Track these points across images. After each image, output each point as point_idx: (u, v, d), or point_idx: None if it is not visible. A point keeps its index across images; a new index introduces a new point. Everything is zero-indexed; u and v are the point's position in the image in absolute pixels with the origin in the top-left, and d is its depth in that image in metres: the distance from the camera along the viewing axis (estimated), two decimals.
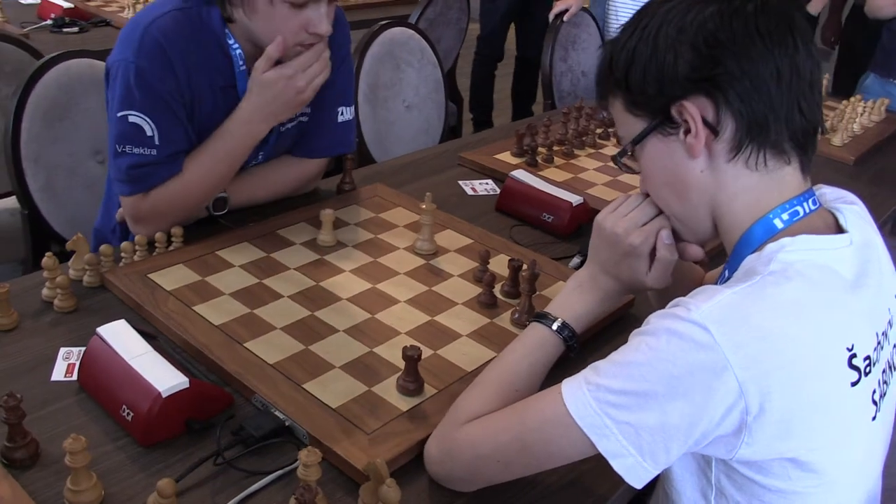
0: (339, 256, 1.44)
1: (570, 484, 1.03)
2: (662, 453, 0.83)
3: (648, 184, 1.00)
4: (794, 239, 0.88)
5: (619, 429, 0.83)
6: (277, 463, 1.00)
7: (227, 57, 1.44)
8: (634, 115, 0.95)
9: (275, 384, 1.10)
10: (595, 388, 0.84)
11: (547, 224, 1.67)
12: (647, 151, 0.96)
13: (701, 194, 0.94)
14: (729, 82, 0.87)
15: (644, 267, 1.02)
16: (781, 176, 0.91)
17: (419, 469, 1.01)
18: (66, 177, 1.88)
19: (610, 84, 0.97)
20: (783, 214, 0.91)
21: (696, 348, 0.80)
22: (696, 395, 0.81)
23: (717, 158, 0.91)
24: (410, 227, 1.57)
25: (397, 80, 2.47)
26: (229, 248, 1.42)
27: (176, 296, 1.27)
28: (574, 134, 2.11)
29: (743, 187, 0.91)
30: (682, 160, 0.93)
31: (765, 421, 0.81)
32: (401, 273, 1.41)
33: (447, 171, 1.93)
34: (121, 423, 1.03)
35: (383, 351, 1.20)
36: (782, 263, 0.86)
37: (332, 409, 1.07)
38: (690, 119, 0.89)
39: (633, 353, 0.85)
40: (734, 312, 0.82)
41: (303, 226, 1.53)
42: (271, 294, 1.31)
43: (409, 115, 2.54)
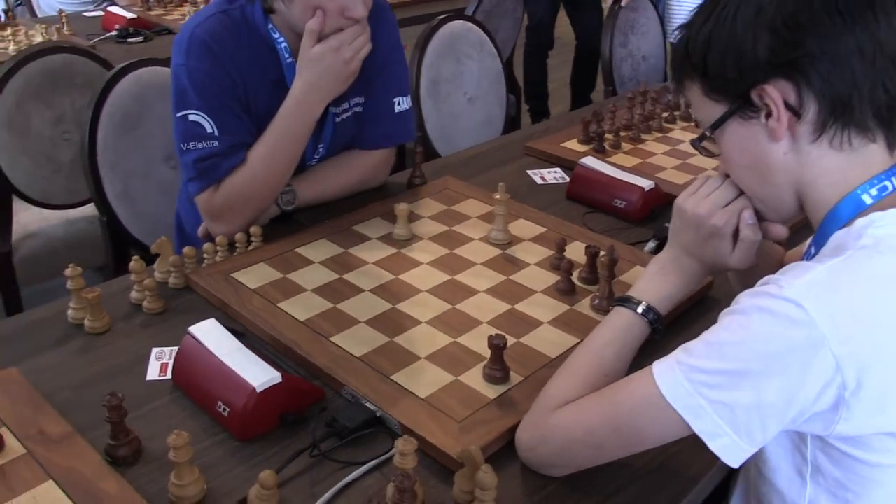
0: (416, 249, 1.46)
1: (659, 466, 1.03)
2: (759, 431, 0.83)
3: (730, 167, 0.99)
4: (885, 213, 0.86)
5: (714, 408, 0.82)
6: (371, 453, 1.01)
7: (274, 51, 1.49)
8: (713, 99, 0.94)
9: (363, 376, 1.11)
10: (688, 369, 0.84)
11: (619, 210, 1.66)
12: (728, 135, 0.95)
13: (785, 175, 0.93)
14: (811, 64, 0.86)
15: (728, 248, 1.01)
16: (867, 153, 0.90)
17: (510, 455, 1.02)
18: (142, 183, 1.93)
19: (687, 69, 0.96)
20: (871, 190, 0.89)
21: (791, 325, 0.79)
22: (792, 372, 0.80)
23: (800, 140, 0.90)
24: (483, 217, 1.58)
25: (458, 74, 2.48)
26: (308, 245, 1.45)
27: (260, 294, 1.30)
28: (640, 119, 2.09)
29: (828, 167, 0.90)
30: (764, 143, 0.92)
31: (862, 396, 0.80)
32: (478, 263, 1.42)
33: (514, 161, 1.93)
34: (217, 418, 1.05)
35: (467, 340, 1.20)
36: (873, 238, 0.84)
37: (422, 398, 1.08)
38: (772, 103, 0.88)
39: (725, 332, 0.84)
40: (828, 287, 0.81)
41: (377, 221, 1.54)
42: (352, 288, 1.32)
43: (471, 108, 2.54)
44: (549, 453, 0.97)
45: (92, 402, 1.08)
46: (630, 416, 0.89)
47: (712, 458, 1.02)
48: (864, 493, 0.89)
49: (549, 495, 0.98)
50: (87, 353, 1.20)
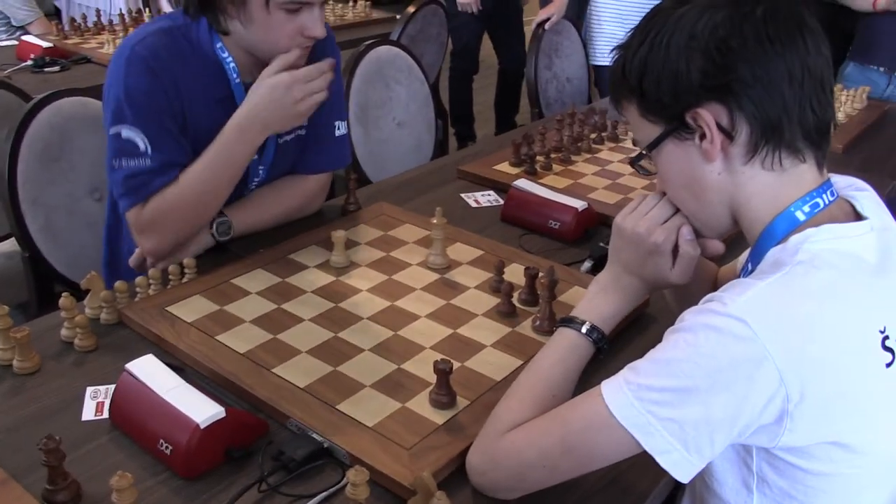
0: (354, 276, 1.45)
1: (610, 483, 1.05)
2: (707, 446, 0.85)
3: (666, 185, 1.02)
4: (819, 229, 0.90)
5: (664, 426, 0.84)
6: (320, 485, 1.00)
7: (221, 69, 1.49)
8: (650, 120, 0.97)
9: (308, 407, 1.10)
10: (637, 388, 0.86)
11: (554, 231, 1.69)
12: (664, 155, 0.98)
13: (719, 195, 0.96)
14: (742, 88, 0.89)
15: (668, 264, 1.04)
16: (798, 173, 0.93)
17: (461, 480, 1.02)
18: (66, 216, 1.88)
19: (624, 91, 0.99)
20: (804, 207, 0.93)
21: (736, 341, 0.82)
22: (738, 387, 0.82)
23: (733, 161, 0.93)
24: (420, 242, 1.59)
25: (387, 99, 2.49)
26: (244, 276, 1.43)
27: (197, 327, 1.28)
28: (569, 140, 2.14)
29: (761, 186, 0.94)
30: (698, 163, 0.95)
31: (805, 407, 0.83)
32: (417, 289, 1.42)
33: (447, 185, 1.95)
34: (159, 457, 1.03)
35: (411, 367, 1.21)
36: (809, 253, 0.88)
37: (369, 427, 1.08)
38: (705, 125, 0.91)
39: (671, 350, 0.86)
40: (769, 303, 0.84)
41: (313, 248, 1.54)
42: (292, 318, 1.31)
43: (400, 133, 2.56)
44: (502, 476, 0.98)
45: (26, 446, 1.04)
46: (581, 436, 0.90)
47: (660, 473, 1.05)
48: (808, 502, 0.92)
49: None
50: (18, 394, 1.16)
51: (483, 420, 1.07)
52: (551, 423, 0.94)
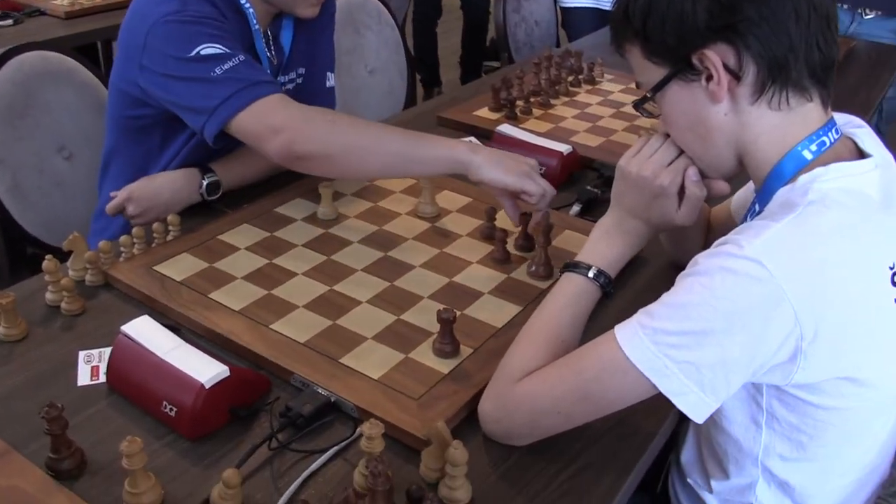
0: (344, 228, 1.42)
1: (617, 424, 1.04)
2: (724, 387, 0.85)
3: (671, 128, 1.00)
4: (827, 168, 0.89)
5: (680, 368, 0.84)
6: (330, 440, 0.99)
7: (243, 16, 1.45)
8: (654, 62, 0.95)
9: (311, 362, 1.08)
10: (652, 332, 0.85)
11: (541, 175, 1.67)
12: (669, 97, 0.96)
13: (725, 135, 0.95)
14: (748, 28, 0.87)
15: (674, 206, 1.03)
16: (805, 112, 0.93)
17: (471, 428, 1.01)
18: (35, 176, 1.81)
19: (627, 33, 0.96)
20: (811, 146, 0.92)
21: (753, 283, 0.81)
22: (755, 328, 0.82)
23: (740, 102, 0.92)
24: (407, 191, 1.56)
25: (358, 46, 2.43)
26: (230, 232, 1.39)
27: (188, 285, 1.24)
28: (547, 83, 2.10)
29: (767, 126, 0.93)
30: (704, 105, 0.93)
31: (819, 345, 0.83)
32: (409, 238, 1.40)
33: (428, 132, 1.90)
34: (163, 419, 1.00)
35: (411, 317, 1.19)
36: (819, 193, 0.87)
37: (375, 379, 1.06)
38: (712, 66, 0.90)
39: (687, 294, 0.85)
40: (785, 245, 0.84)
41: (299, 201, 1.50)
42: (285, 273, 1.28)
43: (372, 80, 2.51)
44: (516, 424, 0.97)
45: (23, 415, 1.01)
46: (597, 381, 0.90)
47: (664, 413, 1.06)
48: (817, 435, 0.93)
49: (513, 465, 0.98)
50: (7, 363, 1.12)
51: (488, 367, 1.07)
52: (565, 370, 0.93)
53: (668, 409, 1.05)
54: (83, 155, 1.87)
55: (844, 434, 0.93)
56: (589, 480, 0.96)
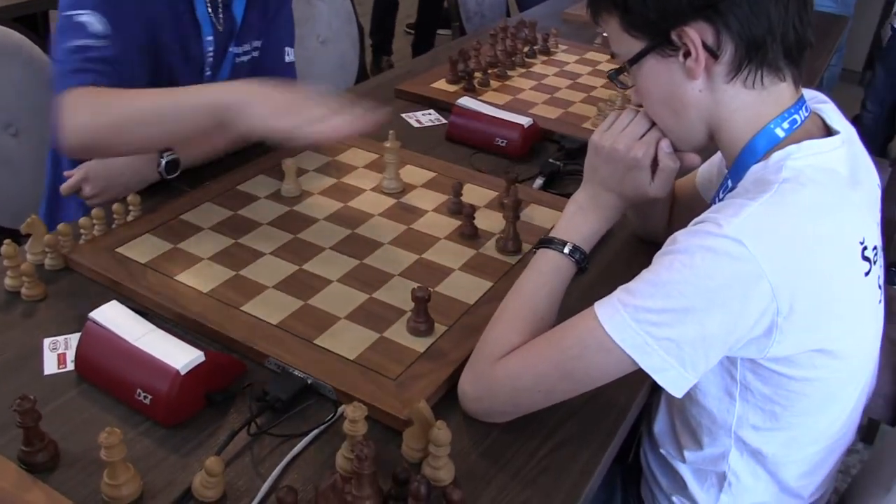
0: (309, 206, 1.40)
1: (591, 399, 1.05)
2: (703, 362, 0.86)
3: (645, 100, 1.00)
4: (799, 146, 0.91)
5: (661, 345, 0.85)
6: (309, 423, 0.98)
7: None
8: (632, 35, 0.95)
9: (286, 344, 1.07)
10: (634, 310, 0.86)
11: (501, 148, 1.66)
12: (645, 71, 0.96)
13: (699, 111, 0.95)
14: (729, 8, 0.88)
15: (647, 178, 1.03)
16: (778, 91, 0.94)
17: (450, 406, 1.01)
18: None
19: (606, 3, 0.96)
20: (783, 124, 0.93)
21: (732, 261, 0.82)
22: (734, 305, 0.83)
23: (715, 79, 0.92)
24: (370, 166, 1.54)
25: (310, 16, 2.38)
26: (193, 211, 1.36)
27: (153, 268, 1.21)
28: (504, 55, 2.09)
29: (741, 104, 0.93)
30: (680, 80, 0.94)
31: (794, 319, 0.85)
32: (375, 215, 1.38)
33: (387, 104, 1.88)
34: (137, 407, 0.98)
35: (383, 295, 1.18)
36: (792, 170, 0.89)
37: (351, 360, 1.05)
38: (691, 43, 0.90)
39: (667, 272, 0.86)
40: (763, 224, 0.84)
41: (261, 178, 1.47)
42: (252, 253, 1.26)
43: (325, 51, 2.46)
44: (498, 402, 0.97)
45: None
46: (578, 359, 0.90)
47: (639, 386, 1.08)
48: (790, 405, 0.95)
49: (493, 442, 0.98)
50: None
51: (463, 344, 1.07)
52: (546, 348, 0.93)
53: (642, 382, 1.07)
54: (31, 132, 1.80)
55: (816, 403, 0.96)
56: (568, 455, 0.97)
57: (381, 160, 1.51)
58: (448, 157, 1.62)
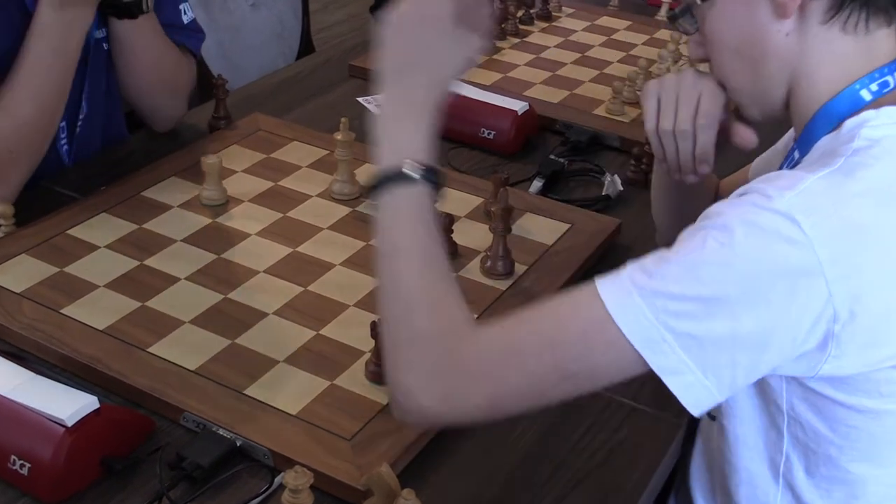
0: (237, 216, 1.45)
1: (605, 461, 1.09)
2: (728, 370, 0.88)
3: (714, 48, 1.06)
4: (878, 111, 0.95)
5: (680, 342, 0.87)
6: (238, 496, 1.01)
7: None
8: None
9: (207, 395, 1.10)
10: (651, 295, 0.87)
11: (488, 142, 1.72)
12: (720, 7, 1.02)
13: (782, 63, 1.00)
14: None
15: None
16: (875, 40, 0.98)
17: (423, 470, 1.05)
18: None
19: None
20: (872, 85, 0.98)
21: (782, 243, 0.85)
22: (777, 299, 0.86)
23: (809, 19, 0.97)
24: (316, 165, 1.59)
25: None
26: (84, 224, 1.40)
27: (31, 298, 1.24)
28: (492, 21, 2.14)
29: (831, 54, 0.98)
30: (764, 21, 0.98)
31: (856, 328, 0.88)
32: (324, 228, 1.43)
33: (338, 85, 1.94)
34: (12, 480, 1.00)
35: (334, 332, 1.22)
36: (867, 140, 0.92)
37: (293, 415, 1.09)
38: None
39: (698, 250, 0.88)
40: (823, 201, 0.88)
41: (174, 181, 1.51)
42: (162, 278, 1.30)
43: (256, 16, 2.53)
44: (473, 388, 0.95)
45: None
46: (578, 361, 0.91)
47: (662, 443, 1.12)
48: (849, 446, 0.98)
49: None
50: None
51: None
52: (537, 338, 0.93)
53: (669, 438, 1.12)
54: None
55: (885, 447, 0.99)
56: None
57: (330, 157, 1.56)
58: None
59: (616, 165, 1.68)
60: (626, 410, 1.16)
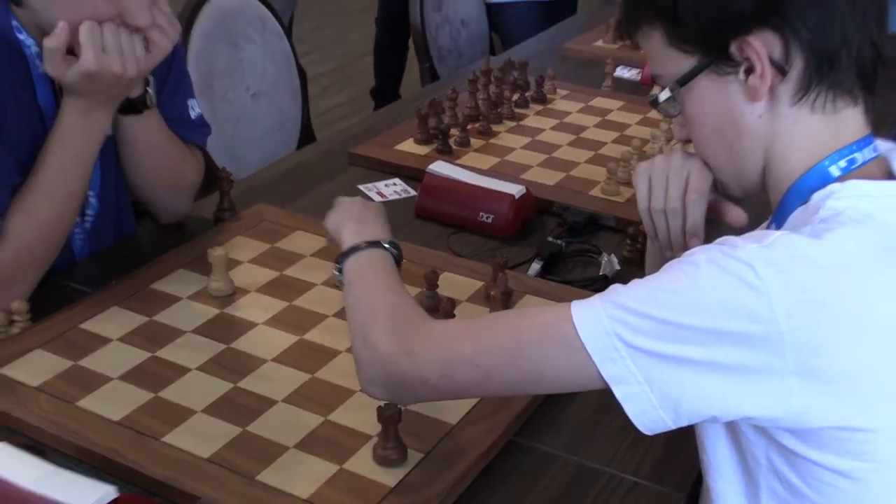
0: (244, 306, 1.50)
1: None
2: (674, 387, 0.94)
3: (694, 130, 1.13)
4: (844, 185, 1.02)
5: (630, 354, 0.94)
6: None
7: (23, 58, 1.50)
8: (682, 50, 1.07)
9: (221, 482, 1.15)
10: (613, 306, 0.95)
11: (486, 226, 1.78)
12: (696, 93, 1.09)
13: (756, 142, 1.07)
14: (800, 14, 1.00)
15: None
16: (843, 119, 1.05)
17: None
18: None
19: (648, 13, 1.09)
20: (840, 161, 1.04)
21: (741, 284, 0.92)
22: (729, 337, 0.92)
23: (779, 101, 1.04)
24: (320, 254, 1.65)
25: (237, 63, 2.52)
26: (96, 318, 1.45)
27: (47, 391, 1.30)
28: (487, 105, 2.23)
29: (802, 132, 1.05)
30: (738, 103, 1.06)
31: (818, 382, 0.93)
32: (329, 315, 1.49)
33: (339, 174, 2.01)
34: None
35: (342, 417, 1.27)
36: (832, 210, 0.99)
37: (303, 499, 1.13)
38: (755, 57, 1.02)
39: (666, 279, 0.97)
40: (783, 255, 0.94)
41: (182, 273, 1.57)
42: (174, 369, 1.35)
43: (257, 107, 2.59)
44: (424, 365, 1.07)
45: None
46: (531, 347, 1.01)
47: None
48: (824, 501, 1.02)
49: None
50: None
51: (444, 476, 1.16)
52: (499, 324, 1.05)
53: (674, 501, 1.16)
54: None
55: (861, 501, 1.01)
56: None
57: (332, 247, 1.61)
58: (419, 238, 1.73)
59: (613, 245, 1.74)
60: (627, 485, 1.21)
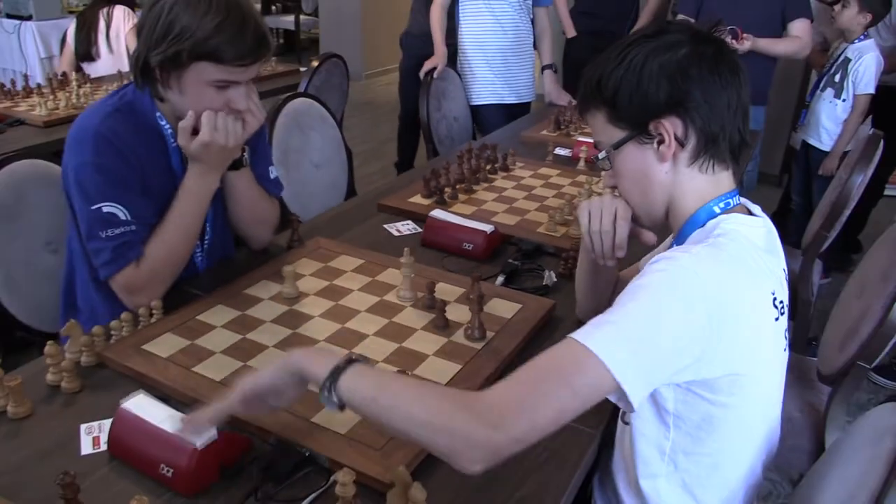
0: (306, 305, 1.48)
1: (547, 459, 1.12)
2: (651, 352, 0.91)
3: (620, 179, 1.13)
4: (728, 216, 1.05)
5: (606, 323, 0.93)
6: (307, 489, 1.03)
7: (161, 135, 1.51)
8: (617, 126, 1.08)
9: (287, 423, 1.13)
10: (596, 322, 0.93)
11: (468, 252, 1.76)
12: (624, 155, 1.09)
13: (663, 189, 1.09)
14: (696, 107, 1.02)
15: None
16: (721, 178, 1.08)
17: (428, 469, 1.07)
18: (24, 269, 1.81)
19: (596, 101, 1.09)
20: (720, 204, 1.07)
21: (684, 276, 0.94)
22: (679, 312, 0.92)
23: (679, 164, 1.06)
24: (357, 270, 1.63)
25: (305, 144, 2.51)
26: (207, 312, 1.43)
27: (173, 361, 1.28)
28: (469, 172, 2.21)
29: (694, 185, 1.07)
30: (652, 164, 1.07)
31: (720, 342, 0.94)
32: (362, 311, 1.46)
33: (371, 218, 1.99)
34: (161, 480, 1.03)
35: None
36: (724, 230, 1.02)
37: (342, 434, 1.11)
38: (665, 133, 1.04)
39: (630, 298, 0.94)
40: (704, 259, 0.97)
41: (264, 283, 1.55)
42: (257, 347, 1.33)
43: (318, 174, 2.58)
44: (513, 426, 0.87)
45: (34, 483, 1.03)
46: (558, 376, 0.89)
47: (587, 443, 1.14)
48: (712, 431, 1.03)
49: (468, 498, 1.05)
50: (16, 437, 1.13)
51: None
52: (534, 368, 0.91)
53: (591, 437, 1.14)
54: None
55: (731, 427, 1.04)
56: None
57: (367, 265, 1.62)
58: (423, 260, 1.72)
59: (552, 265, 1.71)
60: None
